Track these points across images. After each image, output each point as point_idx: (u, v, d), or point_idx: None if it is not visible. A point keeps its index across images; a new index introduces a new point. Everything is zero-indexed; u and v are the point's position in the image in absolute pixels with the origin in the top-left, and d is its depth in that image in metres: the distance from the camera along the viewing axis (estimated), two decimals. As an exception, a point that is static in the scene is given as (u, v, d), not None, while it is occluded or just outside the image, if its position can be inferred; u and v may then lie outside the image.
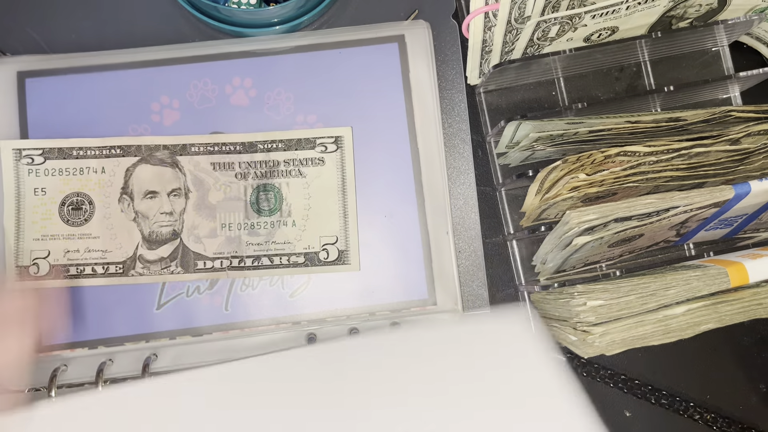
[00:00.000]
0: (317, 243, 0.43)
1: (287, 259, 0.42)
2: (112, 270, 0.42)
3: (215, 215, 0.42)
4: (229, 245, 0.42)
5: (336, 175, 0.43)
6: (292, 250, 0.43)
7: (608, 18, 0.39)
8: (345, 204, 0.43)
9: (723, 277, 0.37)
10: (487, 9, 0.39)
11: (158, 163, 0.42)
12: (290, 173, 0.43)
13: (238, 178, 0.42)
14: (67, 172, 0.42)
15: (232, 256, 0.42)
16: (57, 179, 0.42)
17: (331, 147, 0.42)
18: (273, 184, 0.43)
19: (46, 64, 0.44)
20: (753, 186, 0.36)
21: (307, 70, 0.45)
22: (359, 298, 0.43)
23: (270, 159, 0.43)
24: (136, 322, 0.42)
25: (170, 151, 0.42)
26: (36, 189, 0.42)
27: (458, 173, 0.45)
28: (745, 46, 0.47)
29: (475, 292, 0.44)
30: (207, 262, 0.42)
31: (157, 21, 0.45)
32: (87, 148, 0.42)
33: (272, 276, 0.43)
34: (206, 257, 0.42)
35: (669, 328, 0.38)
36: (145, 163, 0.42)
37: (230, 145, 0.43)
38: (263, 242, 0.42)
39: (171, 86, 0.44)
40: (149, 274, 0.42)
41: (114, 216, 0.42)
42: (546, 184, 0.39)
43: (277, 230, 0.43)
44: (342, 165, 0.43)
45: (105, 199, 0.42)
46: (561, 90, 0.46)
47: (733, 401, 0.45)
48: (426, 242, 0.44)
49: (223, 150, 0.42)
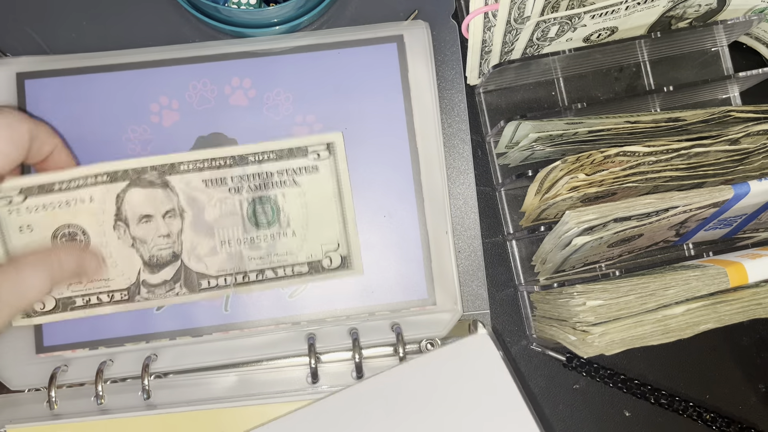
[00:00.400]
0: (319, 251, 0.42)
1: (291, 270, 0.42)
2: (117, 297, 0.41)
3: (213, 233, 0.41)
4: (231, 261, 0.42)
5: (331, 182, 0.42)
6: (295, 260, 0.42)
7: (608, 18, 0.39)
8: (343, 209, 0.42)
9: (722, 277, 0.37)
10: (486, 9, 0.39)
11: (148, 186, 0.41)
12: (285, 183, 0.42)
13: (232, 192, 0.41)
14: (52, 207, 0.40)
15: (236, 273, 0.42)
16: (42, 214, 0.40)
17: (323, 154, 0.42)
18: (268, 196, 0.42)
19: (46, 65, 0.44)
20: (752, 186, 0.36)
21: (307, 71, 0.45)
22: (359, 299, 0.43)
23: (263, 171, 0.42)
24: (136, 322, 0.42)
25: (159, 172, 0.41)
26: (21, 227, 0.40)
27: (458, 173, 0.45)
28: (745, 46, 0.47)
29: (474, 292, 0.44)
30: (211, 280, 0.41)
31: (156, 21, 0.45)
32: (70, 180, 0.40)
33: (278, 288, 0.43)
34: (209, 276, 0.41)
35: (668, 328, 0.38)
36: (135, 187, 0.41)
37: (220, 159, 0.42)
38: (265, 255, 0.42)
39: (170, 87, 0.44)
40: (155, 297, 0.41)
41: (111, 244, 0.41)
42: (545, 184, 0.39)
43: (278, 242, 0.42)
44: (336, 171, 0.42)
45: (99, 228, 0.41)
46: (560, 90, 0.46)
47: (733, 401, 0.45)
48: (425, 242, 0.44)
49: (214, 165, 0.41)
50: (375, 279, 0.43)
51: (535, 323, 0.44)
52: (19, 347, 0.42)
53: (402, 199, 0.44)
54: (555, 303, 0.40)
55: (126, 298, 0.41)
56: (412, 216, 0.44)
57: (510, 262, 0.45)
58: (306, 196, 0.42)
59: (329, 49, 0.45)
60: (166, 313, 0.42)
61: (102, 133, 0.43)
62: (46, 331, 0.42)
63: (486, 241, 0.46)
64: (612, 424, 0.45)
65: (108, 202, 0.40)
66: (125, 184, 0.41)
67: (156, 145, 0.44)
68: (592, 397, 0.45)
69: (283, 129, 0.44)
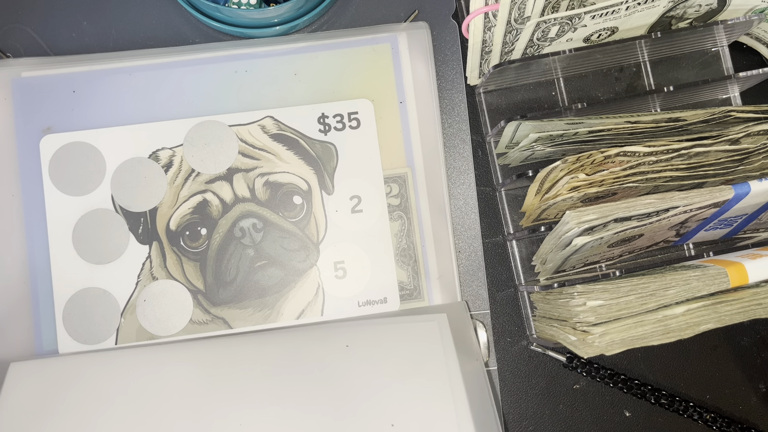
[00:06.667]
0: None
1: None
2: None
3: None
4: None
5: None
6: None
7: (608, 18, 0.39)
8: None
9: (722, 277, 0.37)
10: (487, 9, 0.39)
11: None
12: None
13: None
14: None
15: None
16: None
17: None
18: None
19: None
20: (753, 186, 0.36)
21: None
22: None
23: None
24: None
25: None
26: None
27: (458, 173, 0.45)
28: (745, 47, 0.47)
29: (475, 292, 0.44)
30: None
31: (157, 22, 0.45)
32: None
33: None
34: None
35: (668, 328, 0.38)
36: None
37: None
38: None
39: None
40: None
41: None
42: (546, 184, 0.39)
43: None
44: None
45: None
46: (561, 90, 0.46)
47: (733, 401, 0.45)
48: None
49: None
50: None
51: (536, 323, 0.44)
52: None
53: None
54: (555, 303, 0.40)
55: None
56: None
57: (510, 262, 0.45)
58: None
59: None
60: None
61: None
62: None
63: (486, 241, 0.46)
64: (612, 425, 0.45)
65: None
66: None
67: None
68: (593, 398, 0.45)
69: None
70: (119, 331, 0.42)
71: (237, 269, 0.43)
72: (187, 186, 0.43)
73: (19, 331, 0.42)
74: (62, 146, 0.43)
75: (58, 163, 0.43)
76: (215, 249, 0.43)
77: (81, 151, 0.43)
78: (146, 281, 0.42)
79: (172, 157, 0.43)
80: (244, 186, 0.43)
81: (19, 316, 0.42)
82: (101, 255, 0.42)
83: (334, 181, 0.44)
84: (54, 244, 0.42)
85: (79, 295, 0.42)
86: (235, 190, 0.43)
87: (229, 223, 0.43)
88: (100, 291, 0.42)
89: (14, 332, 0.42)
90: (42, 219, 0.42)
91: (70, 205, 0.43)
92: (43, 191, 0.43)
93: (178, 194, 0.43)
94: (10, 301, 0.42)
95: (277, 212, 0.43)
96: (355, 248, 0.43)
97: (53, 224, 0.42)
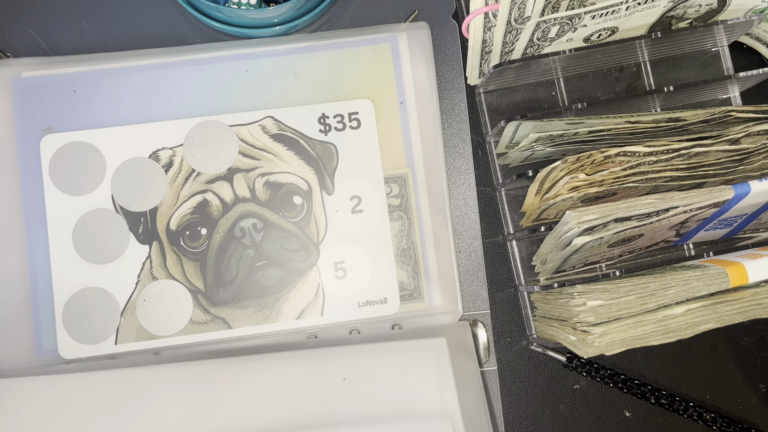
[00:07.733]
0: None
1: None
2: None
3: None
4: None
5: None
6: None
7: (608, 18, 0.39)
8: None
9: (723, 277, 0.37)
10: (487, 9, 0.39)
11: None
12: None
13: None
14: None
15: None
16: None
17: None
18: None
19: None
20: (753, 186, 0.36)
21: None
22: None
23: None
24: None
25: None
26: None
27: (458, 173, 0.45)
28: (745, 47, 0.47)
29: (475, 292, 0.44)
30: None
31: (157, 22, 0.45)
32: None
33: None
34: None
35: (668, 328, 0.38)
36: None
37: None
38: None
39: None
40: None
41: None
42: (546, 184, 0.39)
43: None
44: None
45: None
46: (561, 90, 0.46)
47: (733, 401, 0.45)
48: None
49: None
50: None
51: (536, 323, 0.44)
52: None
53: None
54: (555, 303, 0.40)
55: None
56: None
57: (510, 262, 0.45)
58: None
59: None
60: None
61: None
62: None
63: (486, 241, 0.46)
64: (612, 425, 0.45)
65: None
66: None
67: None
68: (593, 398, 0.45)
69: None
70: (119, 331, 0.42)
71: (237, 269, 0.43)
72: (187, 186, 0.43)
73: (18, 331, 0.42)
74: (62, 146, 0.43)
75: (58, 163, 0.43)
76: (215, 249, 0.43)
77: (81, 150, 0.43)
78: (146, 281, 0.42)
79: (173, 157, 0.43)
80: (245, 186, 0.43)
81: (19, 316, 0.42)
82: (101, 255, 0.42)
83: (334, 182, 0.44)
84: (54, 243, 0.42)
85: (79, 295, 0.42)
86: (235, 190, 0.43)
87: (229, 223, 0.43)
88: (100, 291, 0.42)
89: (14, 332, 0.42)
90: (42, 219, 0.42)
91: (70, 205, 0.43)
92: (44, 191, 0.43)
93: (179, 194, 0.43)
94: (10, 300, 0.42)
95: (278, 212, 0.43)
96: (355, 248, 0.43)
97: (53, 224, 0.42)
